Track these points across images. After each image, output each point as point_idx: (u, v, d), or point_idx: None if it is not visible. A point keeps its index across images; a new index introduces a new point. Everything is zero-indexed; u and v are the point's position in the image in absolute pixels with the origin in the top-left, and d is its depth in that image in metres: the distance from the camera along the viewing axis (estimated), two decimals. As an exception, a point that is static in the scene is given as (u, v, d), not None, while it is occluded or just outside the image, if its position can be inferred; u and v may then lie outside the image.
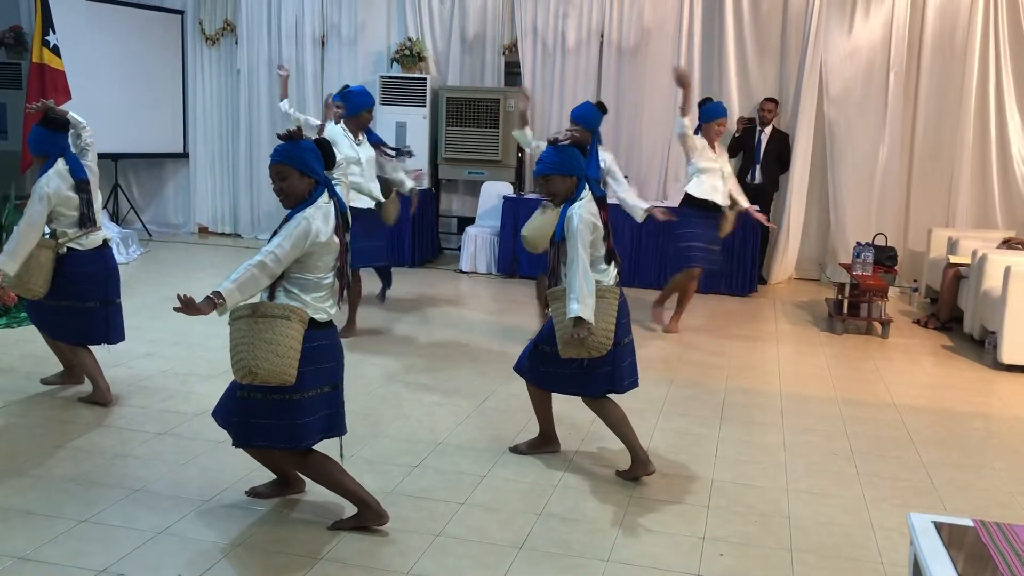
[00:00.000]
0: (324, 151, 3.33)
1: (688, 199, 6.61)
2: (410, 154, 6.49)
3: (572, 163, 3.86)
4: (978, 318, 6.70)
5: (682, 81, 6.41)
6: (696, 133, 6.58)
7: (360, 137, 6.09)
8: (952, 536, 2.33)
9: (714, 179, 6.56)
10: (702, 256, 6.64)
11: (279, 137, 3.28)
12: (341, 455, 3.51)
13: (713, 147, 6.60)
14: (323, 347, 3.31)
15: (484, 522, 3.56)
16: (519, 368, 4.19)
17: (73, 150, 4.61)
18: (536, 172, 3.98)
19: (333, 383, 3.38)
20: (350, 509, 3.48)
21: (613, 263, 3.95)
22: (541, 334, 4.07)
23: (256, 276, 3.15)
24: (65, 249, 4.56)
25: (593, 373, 3.91)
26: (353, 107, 5.96)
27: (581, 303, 3.68)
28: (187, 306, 3.06)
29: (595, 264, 3.87)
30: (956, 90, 8.75)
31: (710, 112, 6.60)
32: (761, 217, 7.09)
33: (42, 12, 8.54)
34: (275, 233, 3.21)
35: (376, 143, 6.23)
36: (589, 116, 5.66)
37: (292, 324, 3.16)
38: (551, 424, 4.29)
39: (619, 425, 3.98)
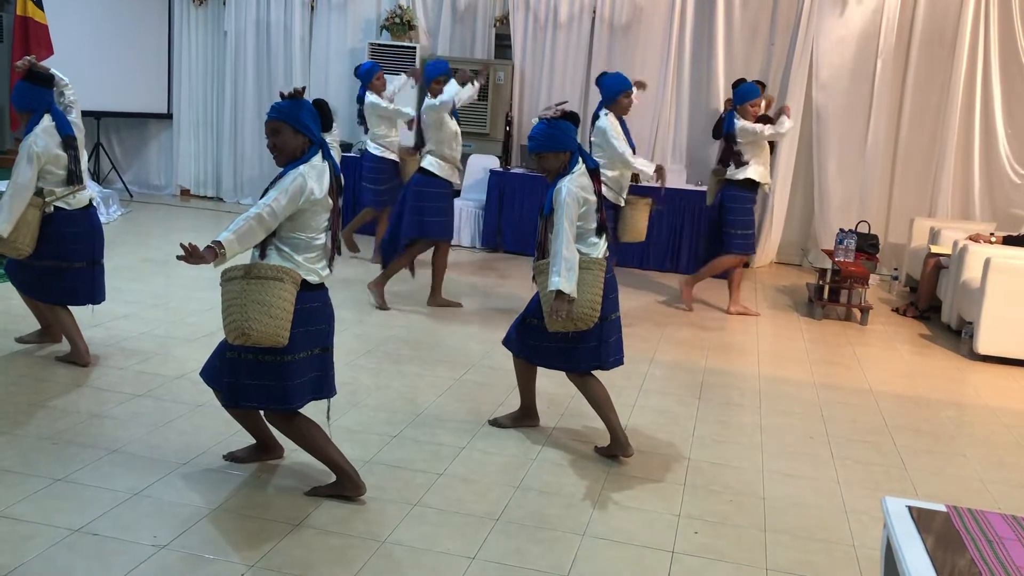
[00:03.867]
0: (323, 112, 3.32)
1: (750, 184, 6.67)
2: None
3: (565, 138, 3.83)
4: (956, 308, 6.77)
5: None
6: (733, 117, 6.63)
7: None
8: (925, 520, 2.35)
9: (765, 157, 6.68)
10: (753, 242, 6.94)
11: (281, 96, 3.26)
12: (328, 417, 3.51)
13: None
14: (315, 309, 3.30)
15: (461, 493, 3.57)
16: (507, 341, 4.19)
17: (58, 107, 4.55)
18: (529, 149, 3.95)
19: (324, 345, 3.38)
20: (329, 477, 3.47)
21: (604, 236, 3.94)
22: (530, 307, 4.07)
23: (254, 228, 3.13)
24: (52, 208, 4.50)
25: (580, 348, 3.91)
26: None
27: (562, 277, 3.68)
28: (191, 254, 3.03)
29: (585, 237, 3.87)
30: (944, 82, 8.79)
31: (748, 92, 6.65)
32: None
33: (26, -36, 8.37)
34: (267, 190, 3.19)
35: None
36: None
37: (285, 286, 3.15)
38: (532, 399, 4.30)
39: (602, 404, 3.99)
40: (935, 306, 7.32)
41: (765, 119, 8.33)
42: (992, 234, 7.22)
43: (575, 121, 3.90)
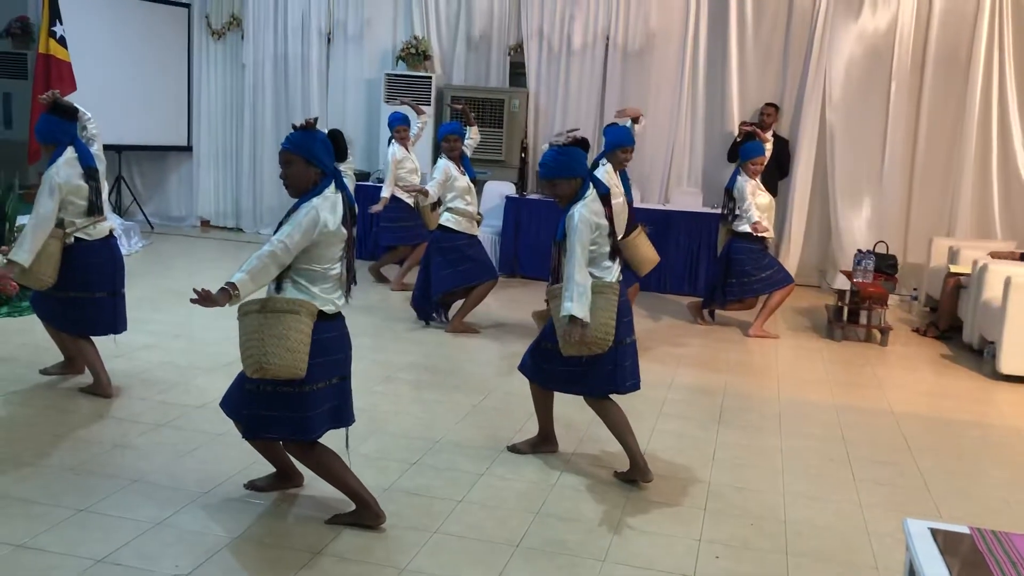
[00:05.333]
0: (337, 143, 3.35)
1: (748, 236, 6.83)
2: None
3: (575, 164, 3.87)
4: (977, 328, 6.71)
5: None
6: (737, 172, 6.89)
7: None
8: (948, 543, 2.34)
9: (765, 213, 6.88)
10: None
11: (293, 127, 3.31)
12: (347, 445, 3.52)
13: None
14: (332, 339, 3.33)
15: (481, 520, 3.57)
16: (523, 367, 4.20)
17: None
18: (540, 176, 3.98)
19: (341, 374, 3.40)
20: (349, 505, 3.48)
21: (617, 260, 3.96)
22: (544, 332, 4.08)
23: (267, 265, 3.17)
24: (73, 239, 4.57)
25: (594, 372, 3.91)
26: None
27: (575, 302, 3.69)
28: (204, 299, 3.06)
29: (598, 261, 3.89)
30: (959, 101, 8.77)
31: (752, 151, 6.85)
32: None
33: (49, 3, 8.56)
34: (281, 223, 3.23)
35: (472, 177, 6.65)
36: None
37: (301, 318, 3.18)
38: (551, 424, 4.29)
39: (620, 429, 3.98)
40: (956, 326, 7.26)
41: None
42: (1020, 253, 7.16)
43: (585, 147, 3.93)
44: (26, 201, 6.96)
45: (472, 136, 6.87)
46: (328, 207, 3.24)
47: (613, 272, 3.94)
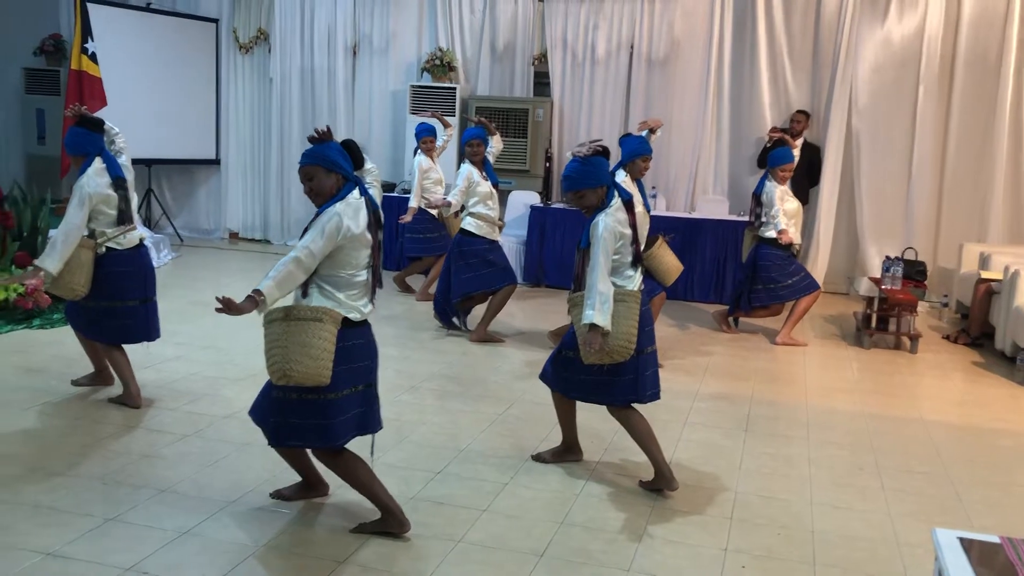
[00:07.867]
0: (351, 152, 3.38)
1: (774, 242, 6.81)
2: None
3: (599, 173, 3.87)
4: (1010, 334, 6.61)
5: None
6: (765, 178, 6.87)
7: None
8: (978, 553, 2.30)
9: (792, 219, 6.87)
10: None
11: (309, 140, 3.34)
12: (372, 452, 3.53)
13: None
14: (357, 346, 3.35)
15: (505, 529, 3.57)
16: (544, 376, 4.20)
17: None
18: (565, 188, 3.96)
19: (367, 381, 3.42)
20: (374, 514, 3.50)
21: (639, 269, 3.95)
22: (565, 340, 4.08)
23: (293, 272, 3.20)
24: (104, 249, 4.63)
25: (616, 381, 3.90)
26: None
27: (596, 310, 3.68)
28: (228, 307, 3.09)
29: (620, 270, 3.88)
30: (989, 105, 8.65)
31: (781, 157, 6.83)
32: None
33: (81, 20, 8.71)
34: (306, 230, 3.26)
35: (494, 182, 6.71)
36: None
37: (325, 326, 3.20)
38: (574, 433, 4.28)
39: (644, 438, 3.97)
40: (988, 333, 7.15)
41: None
42: None
43: (607, 156, 3.93)
44: (57, 215, 7.08)
45: (495, 145, 6.92)
46: (351, 212, 3.26)
47: (635, 280, 3.93)
